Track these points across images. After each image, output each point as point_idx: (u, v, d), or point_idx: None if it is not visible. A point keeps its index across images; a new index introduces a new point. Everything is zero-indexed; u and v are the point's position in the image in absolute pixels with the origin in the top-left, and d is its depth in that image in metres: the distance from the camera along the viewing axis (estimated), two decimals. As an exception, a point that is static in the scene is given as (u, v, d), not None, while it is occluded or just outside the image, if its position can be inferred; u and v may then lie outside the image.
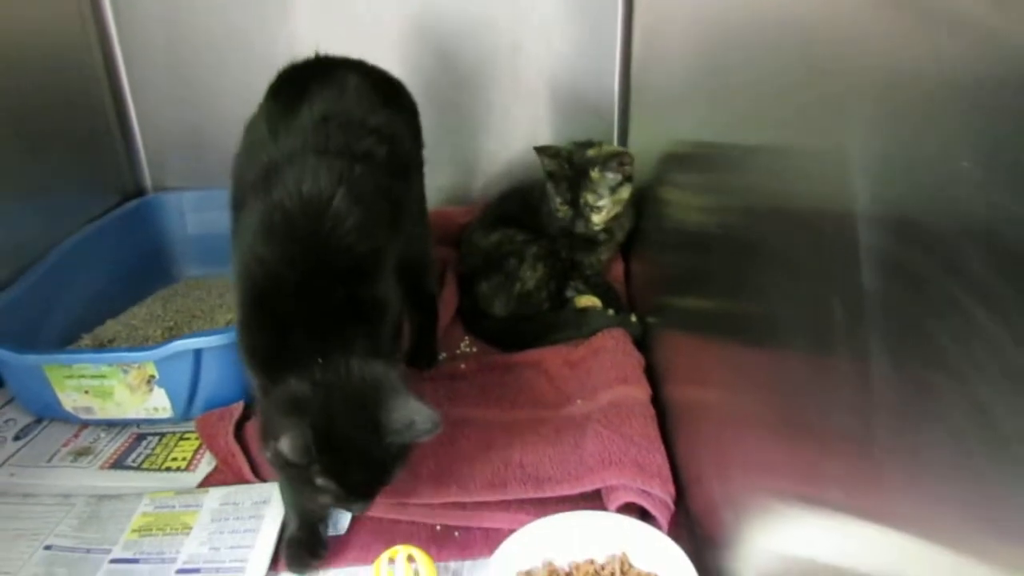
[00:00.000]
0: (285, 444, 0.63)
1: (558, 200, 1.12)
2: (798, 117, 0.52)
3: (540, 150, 1.14)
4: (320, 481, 0.67)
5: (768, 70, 0.57)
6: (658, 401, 0.93)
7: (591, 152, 1.13)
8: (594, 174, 1.10)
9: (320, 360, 0.68)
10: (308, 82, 0.85)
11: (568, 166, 1.12)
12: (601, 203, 1.11)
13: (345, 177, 0.75)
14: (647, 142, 1.17)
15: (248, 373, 0.75)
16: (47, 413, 0.99)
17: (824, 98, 0.47)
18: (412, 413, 0.67)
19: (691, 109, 0.86)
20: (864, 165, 0.40)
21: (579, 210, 1.12)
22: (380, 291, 0.75)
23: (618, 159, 1.09)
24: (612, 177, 1.10)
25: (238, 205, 0.81)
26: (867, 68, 0.41)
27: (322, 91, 0.83)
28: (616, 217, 1.14)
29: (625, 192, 1.12)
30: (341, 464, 0.66)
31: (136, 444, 0.95)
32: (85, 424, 0.98)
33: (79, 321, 1.12)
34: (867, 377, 0.39)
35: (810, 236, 0.49)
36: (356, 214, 0.74)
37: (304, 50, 1.31)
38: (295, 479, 0.70)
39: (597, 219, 1.12)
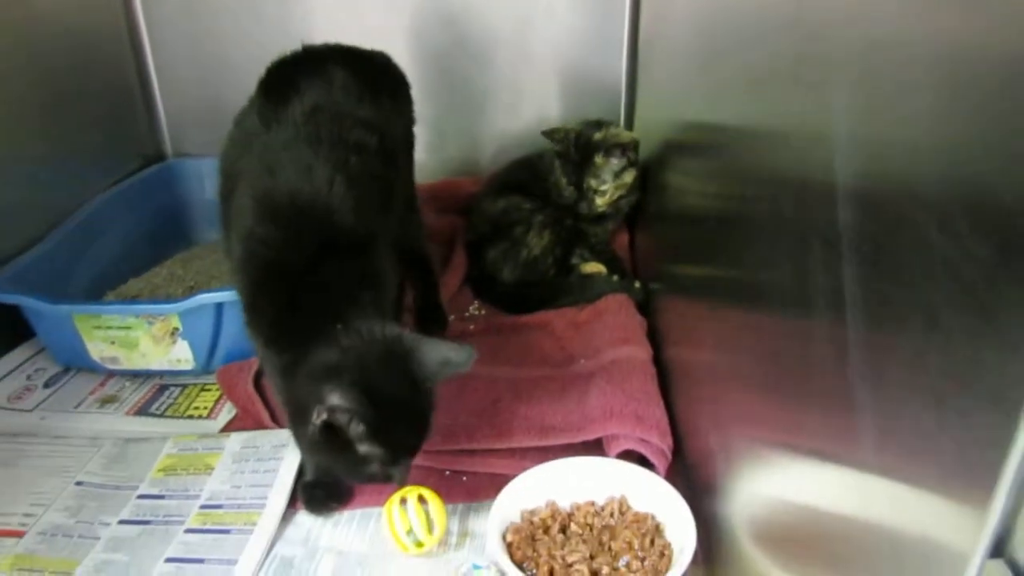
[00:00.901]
0: (336, 397, 0.63)
1: (564, 181, 1.16)
2: (785, 91, 0.55)
3: (547, 134, 1.18)
4: (364, 448, 0.67)
5: (758, 47, 0.61)
6: (660, 362, 0.97)
7: (598, 136, 1.16)
8: (598, 159, 1.14)
9: (340, 326, 0.69)
10: (297, 77, 0.87)
11: (574, 149, 1.16)
12: (604, 187, 1.15)
13: (340, 166, 0.78)
14: (652, 117, 1.21)
15: (264, 355, 0.77)
16: (75, 362, 1.03)
17: (806, 70, 0.50)
18: (443, 351, 0.70)
19: (691, 86, 0.90)
20: (842, 134, 0.44)
21: (583, 193, 1.16)
22: (379, 264, 0.78)
23: (621, 147, 1.13)
24: (616, 163, 1.14)
25: (227, 196, 0.82)
26: (847, 42, 0.44)
27: (311, 85, 0.85)
28: (620, 197, 1.18)
29: (628, 176, 1.16)
30: (385, 423, 0.66)
31: (159, 394, 1.00)
32: (111, 374, 1.03)
33: (103, 279, 1.17)
34: (843, 339, 0.43)
35: (793, 206, 0.53)
36: (352, 199, 0.76)
37: (318, 22, 1.35)
38: (337, 454, 0.69)
39: (600, 202, 1.16)
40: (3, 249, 1.06)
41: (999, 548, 0.30)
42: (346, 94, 0.86)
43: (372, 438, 0.66)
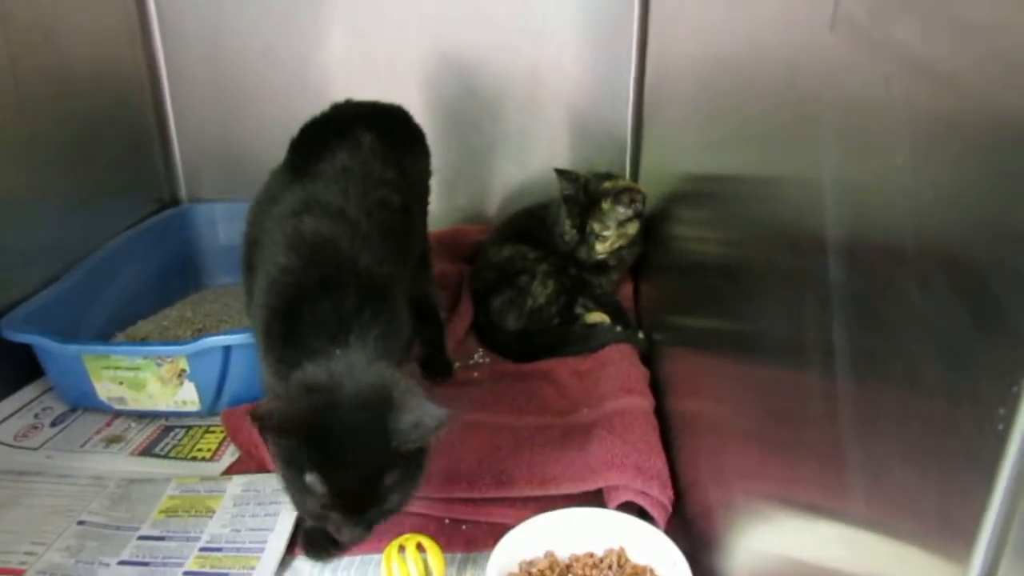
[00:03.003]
0: (265, 406, 0.64)
1: (568, 223, 1.18)
2: (778, 149, 0.57)
3: (560, 173, 1.20)
4: (310, 478, 0.66)
5: (753, 106, 0.63)
6: (662, 413, 0.97)
7: (607, 184, 1.19)
8: (605, 205, 1.17)
9: (338, 352, 0.69)
10: (328, 138, 0.91)
11: (583, 193, 1.18)
12: (607, 233, 1.17)
13: (366, 215, 0.81)
14: (657, 169, 1.23)
15: (269, 378, 0.78)
16: (83, 402, 1.05)
17: (799, 130, 0.52)
18: (421, 413, 0.66)
19: (692, 140, 0.93)
20: (829, 190, 0.45)
21: (584, 236, 1.18)
22: (394, 310, 0.80)
23: (630, 195, 1.15)
24: (622, 211, 1.17)
25: (252, 243, 0.85)
26: (832, 102, 0.46)
27: (342, 147, 0.88)
28: (621, 248, 1.20)
29: (632, 228, 1.18)
30: (334, 462, 0.65)
31: (164, 434, 1.01)
32: (117, 414, 1.04)
33: (114, 320, 1.19)
34: (834, 394, 0.44)
35: (787, 261, 0.54)
36: (374, 247, 0.79)
37: (336, 76, 1.40)
38: (288, 472, 0.68)
39: (600, 248, 1.18)
40: (21, 288, 1.09)
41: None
42: (373, 156, 0.89)
43: (314, 471, 0.65)
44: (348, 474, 0.66)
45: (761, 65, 0.62)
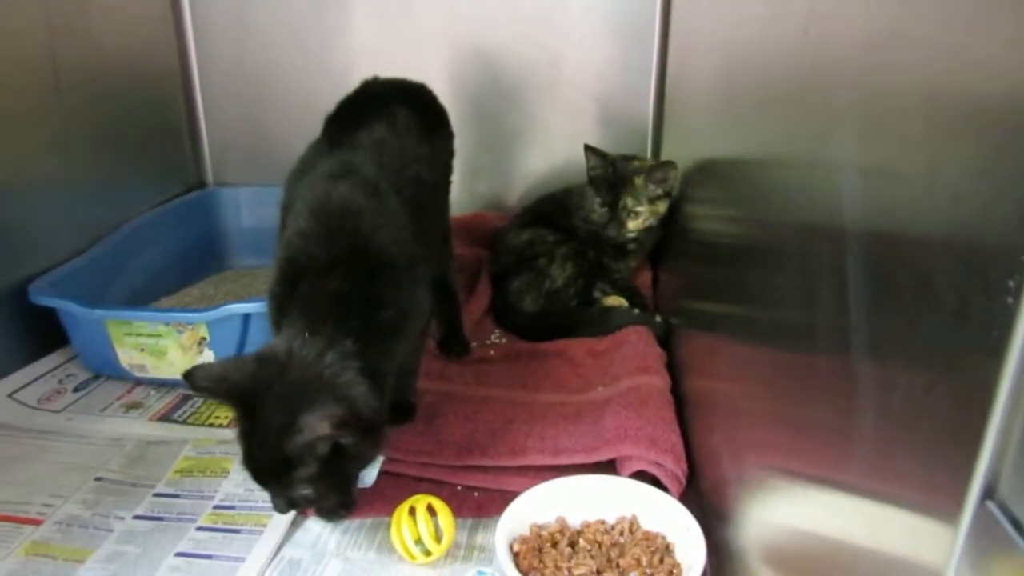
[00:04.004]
0: (200, 366, 0.70)
1: (597, 201, 1.18)
2: (795, 136, 0.57)
3: (589, 149, 1.21)
4: (236, 429, 0.70)
5: (772, 93, 0.64)
6: (679, 394, 0.97)
7: (636, 163, 1.20)
8: (638, 181, 1.17)
9: (306, 335, 0.70)
10: (364, 112, 0.93)
11: (612, 171, 1.18)
12: (640, 209, 1.17)
13: (394, 190, 0.82)
14: (677, 158, 1.23)
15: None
16: (105, 370, 1.06)
17: (816, 118, 0.52)
18: (307, 423, 0.65)
19: (712, 128, 0.93)
20: (846, 173, 0.45)
21: (616, 213, 1.18)
22: (412, 290, 0.80)
23: (663, 171, 1.15)
24: (653, 189, 1.17)
25: (287, 208, 0.87)
26: (849, 88, 0.46)
27: (378, 121, 0.90)
28: (648, 228, 1.20)
29: (662, 206, 1.18)
30: (251, 430, 0.69)
31: (183, 402, 1.02)
32: (138, 382, 1.06)
33: (138, 294, 1.21)
34: (848, 375, 0.43)
35: (803, 245, 0.54)
36: (397, 227, 0.80)
37: (360, 64, 1.41)
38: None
39: (632, 225, 1.18)
40: (50, 261, 1.11)
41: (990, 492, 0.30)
42: (408, 132, 0.91)
43: (237, 427, 0.70)
44: (260, 453, 0.69)
45: (780, 50, 0.62)
